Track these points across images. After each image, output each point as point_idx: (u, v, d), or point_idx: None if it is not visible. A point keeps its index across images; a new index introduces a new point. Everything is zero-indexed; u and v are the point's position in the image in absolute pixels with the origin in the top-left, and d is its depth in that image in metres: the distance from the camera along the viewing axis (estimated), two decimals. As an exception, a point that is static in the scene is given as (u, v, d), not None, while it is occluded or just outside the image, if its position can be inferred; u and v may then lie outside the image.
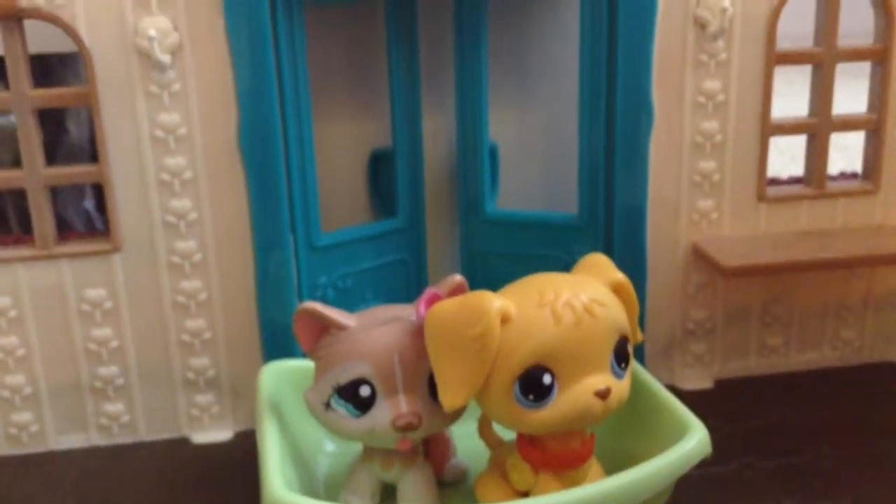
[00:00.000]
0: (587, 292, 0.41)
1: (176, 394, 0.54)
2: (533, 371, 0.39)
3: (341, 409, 0.42)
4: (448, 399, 0.40)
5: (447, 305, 0.41)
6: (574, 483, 0.42)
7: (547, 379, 0.40)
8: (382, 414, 0.42)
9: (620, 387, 0.41)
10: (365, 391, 0.42)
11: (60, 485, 0.50)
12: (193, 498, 0.48)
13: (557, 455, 0.42)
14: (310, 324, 0.43)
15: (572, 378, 0.40)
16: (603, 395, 0.40)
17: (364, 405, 0.42)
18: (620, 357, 0.41)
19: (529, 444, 0.43)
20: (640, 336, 0.44)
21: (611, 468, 0.42)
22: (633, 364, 0.44)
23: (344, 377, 0.42)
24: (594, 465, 0.44)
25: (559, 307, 0.40)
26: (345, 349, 0.42)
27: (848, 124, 0.58)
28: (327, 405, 0.42)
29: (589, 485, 0.40)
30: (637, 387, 0.46)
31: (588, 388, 0.40)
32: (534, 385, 0.40)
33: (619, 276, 0.43)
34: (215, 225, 0.51)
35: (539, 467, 0.42)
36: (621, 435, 0.47)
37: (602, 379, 0.40)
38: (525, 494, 0.43)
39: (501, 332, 0.39)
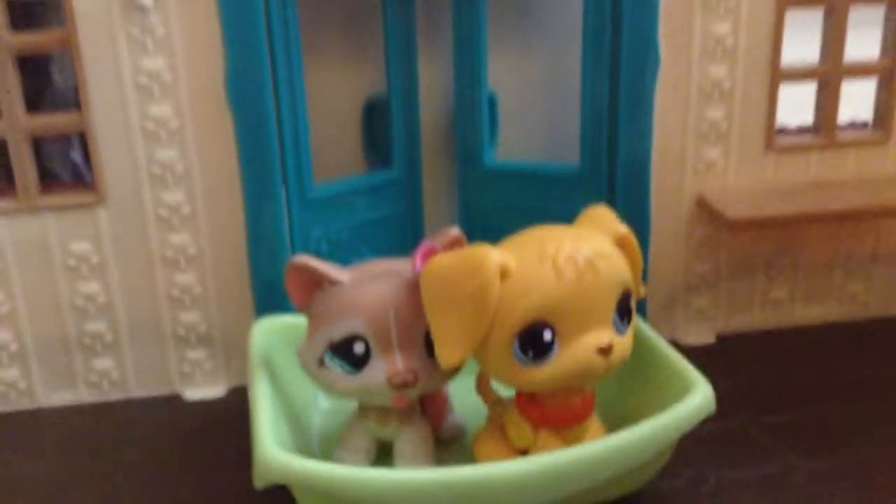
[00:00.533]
0: (590, 246, 0.39)
1: (167, 350, 0.53)
2: (533, 327, 0.38)
3: (335, 366, 0.41)
4: (445, 356, 0.38)
5: (444, 259, 0.39)
6: (574, 441, 0.41)
7: (547, 335, 0.38)
8: (377, 371, 0.40)
9: (623, 343, 0.40)
10: (359, 348, 0.40)
11: (49, 442, 0.49)
12: (186, 455, 0.48)
13: (557, 413, 0.41)
14: (302, 278, 0.41)
15: (573, 334, 0.39)
16: (605, 351, 0.39)
17: (358, 362, 0.40)
18: (623, 312, 0.40)
19: (529, 401, 0.41)
20: (643, 291, 0.43)
21: (612, 426, 0.41)
22: (636, 320, 0.43)
23: (337, 334, 0.40)
24: (594, 423, 0.43)
25: (561, 261, 0.38)
26: (338, 305, 0.41)
27: (860, 70, 0.56)
28: (321, 362, 0.41)
29: (590, 442, 0.39)
30: (639, 343, 0.44)
31: (590, 344, 0.39)
32: (534, 342, 0.38)
33: (623, 228, 0.41)
34: (203, 176, 0.50)
35: (538, 425, 0.41)
36: (623, 392, 0.46)
37: (604, 335, 0.39)
38: (524, 452, 0.42)
39: (501, 287, 0.38)
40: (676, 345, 0.56)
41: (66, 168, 0.71)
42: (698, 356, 0.44)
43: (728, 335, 0.59)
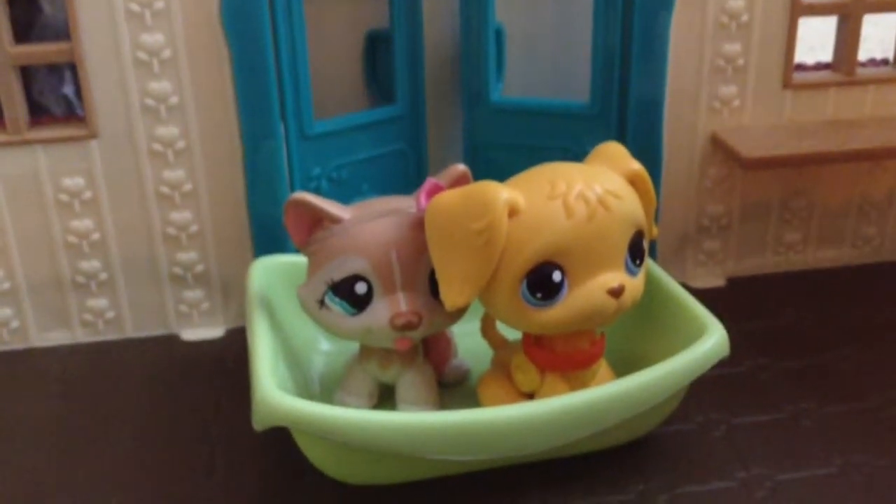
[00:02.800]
0: (601, 183, 0.37)
1: (163, 289, 0.51)
2: (542, 268, 0.37)
3: (336, 306, 0.39)
4: (450, 297, 0.37)
5: (450, 196, 0.37)
6: (582, 385, 0.40)
7: (557, 276, 0.37)
8: (380, 312, 0.39)
9: (634, 284, 0.39)
10: (361, 288, 0.39)
11: (44, 382, 0.48)
12: (184, 396, 0.47)
13: (565, 356, 0.40)
14: (301, 216, 0.40)
15: (584, 275, 0.37)
16: (616, 293, 0.38)
17: (360, 303, 0.39)
18: (635, 253, 0.39)
19: (536, 344, 0.40)
20: (655, 231, 0.42)
21: (622, 371, 0.40)
22: (648, 261, 0.41)
23: (338, 273, 0.39)
24: (603, 368, 0.42)
25: (571, 199, 0.36)
26: (339, 243, 0.39)
27: (884, 5, 0.54)
28: (321, 303, 0.40)
29: (599, 386, 0.38)
30: (651, 285, 0.43)
31: (600, 285, 0.37)
32: (542, 282, 0.37)
33: (636, 165, 0.40)
34: (198, 110, 0.48)
35: (545, 368, 0.40)
36: (634, 336, 0.45)
37: (615, 276, 0.38)
38: (530, 396, 0.41)
39: (509, 225, 0.36)
40: (686, 287, 0.54)
41: (58, 102, 0.69)
42: (708, 299, 0.43)
43: (738, 278, 0.57)
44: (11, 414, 0.46)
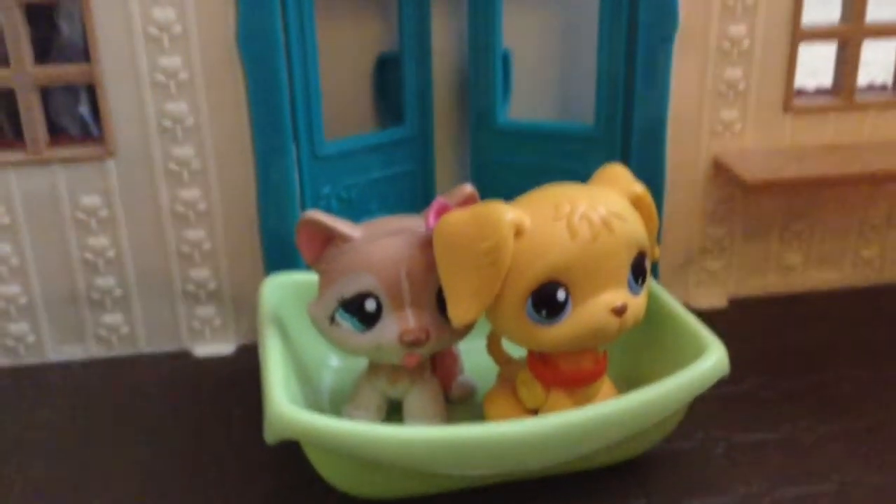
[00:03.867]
0: (605, 205, 0.38)
1: (176, 306, 0.52)
2: (547, 286, 0.38)
3: (346, 323, 0.40)
4: (457, 314, 0.38)
5: (458, 216, 0.38)
6: (586, 401, 0.41)
7: (561, 295, 0.38)
8: (389, 328, 0.40)
9: (637, 304, 0.40)
10: (371, 305, 0.40)
11: (58, 396, 0.49)
12: (195, 412, 0.48)
13: (569, 373, 0.41)
14: (313, 234, 0.41)
15: (587, 294, 0.38)
16: (619, 311, 0.39)
17: (370, 319, 0.40)
18: (638, 273, 0.40)
19: (540, 361, 0.41)
20: (657, 252, 0.43)
21: (624, 388, 0.41)
22: (650, 281, 0.42)
23: (349, 290, 0.40)
24: (606, 384, 0.43)
25: (575, 220, 0.38)
26: (350, 261, 0.40)
27: (882, 31, 0.55)
28: (332, 319, 0.41)
29: (602, 403, 0.39)
30: (653, 304, 0.44)
31: (603, 304, 0.38)
32: (547, 301, 0.38)
33: (639, 188, 0.41)
34: (214, 131, 0.49)
35: (550, 385, 0.41)
36: (636, 354, 0.45)
37: (618, 295, 0.39)
38: (534, 412, 0.42)
39: (514, 245, 0.37)
40: (688, 307, 0.55)
41: (74, 122, 0.70)
42: (710, 319, 0.44)
43: (740, 299, 0.58)
44: (26, 427, 0.47)
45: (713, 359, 0.40)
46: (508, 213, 0.37)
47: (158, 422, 0.47)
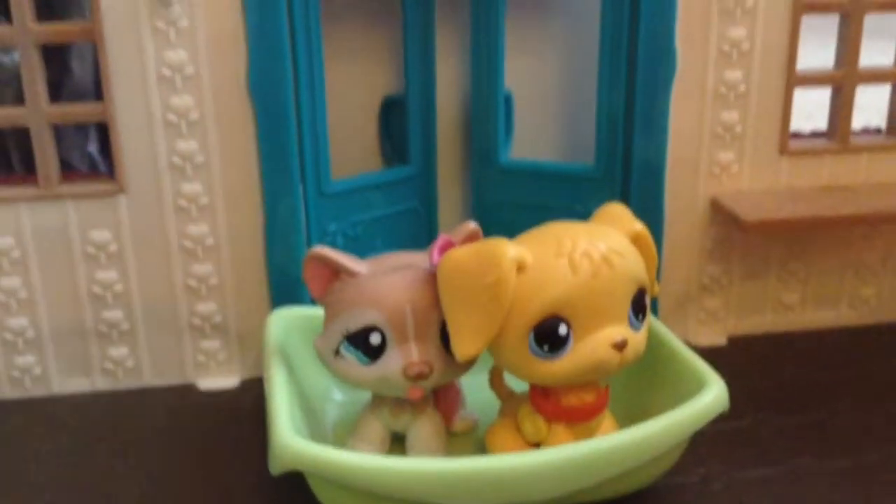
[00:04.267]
0: (605, 242, 0.39)
1: (182, 339, 0.53)
2: (548, 321, 0.38)
3: (351, 356, 0.41)
4: (461, 348, 0.39)
5: (461, 253, 0.39)
6: (587, 435, 0.41)
7: (563, 330, 0.39)
8: (393, 362, 0.41)
9: (637, 339, 0.40)
10: (375, 339, 0.41)
11: (63, 429, 0.50)
12: (199, 444, 0.48)
13: (571, 407, 0.41)
14: (320, 269, 0.42)
15: (588, 329, 0.39)
16: (620, 346, 0.39)
17: (374, 353, 0.41)
18: (638, 309, 0.40)
19: (542, 395, 0.42)
20: (657, 288, 0.43)
21: (625, 422, 0.42)
22: (650, 317, 0.43)
23: (354, 324, 0.41)
24: (607, 419, 0.43)
25: (577, 257, 0.38)
26: (355, 295, 0.41)
27: (875, 76, 0.56)
28: (337, 352, 0.41)
29: (604, 437, 0.39)
30: (653, 340, 0.45)
31: (604, 339, 0.39)
32: (549, 336, 0.39)
33: (638, 226, 0.42)
34: (223, 168, 0.50)
35: (552, 419, 0.42)
36: (637, 388, 0.46)
37: (619, 330, 0.39)
38: (536, 446, 0.42)
39: (517, 281, 0.38)
40: (688, 345, 0.55)
41: (84, 160, 0.71)
42: (709, 357, 0.44)
43: (739, 337, 0.59)
44: (31, 459, 0.47)
45: (712, 394, 0.40)
46: (511, 249, 0.38)
47: (163, 455, 0.47)
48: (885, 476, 0.45)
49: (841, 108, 0.56)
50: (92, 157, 0.72)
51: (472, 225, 0.43)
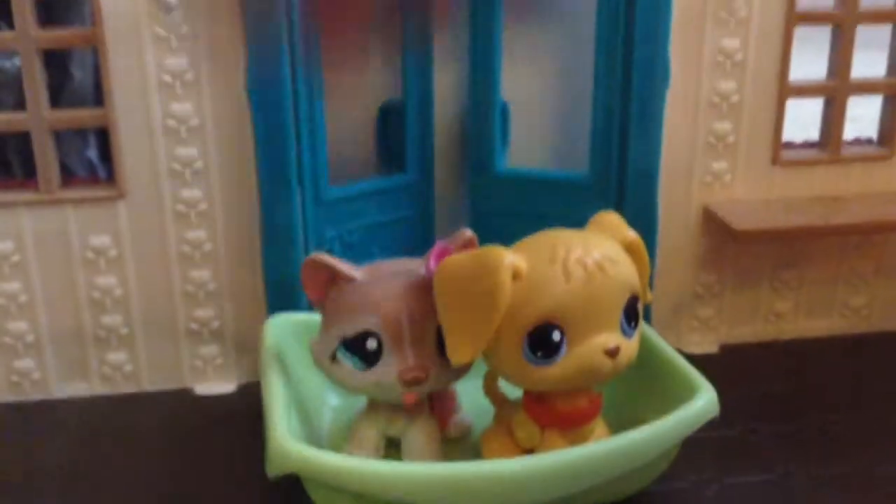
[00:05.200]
0: (599, 249, 0.40)
1: (179, 344, 0.53)
2: (542, 328, 0.39)
3: (347, 361, 0.42)
4: (456, 353, 0.39)
5: (458, 259, 0.40)
6: (580, 441, 0.42)
7: (556, 336, 0.39)
8: (389, 367, 0.41)
9: (629, 346, 0.41)
10: (372, 344, 0.41)
11: (61, 433, 0.50)
12: (196, 449, 0.48)
13: (564, 413, 0.42)
14: (317, 275, 0.42)
15: (582, 336, 0.40)
16: (612, 353, 0.40)
17: (371, 358, 0.41)
18: (630, 316, 0.41)
19: (536, 401, 0.42)
20: (650, 296, 0.44)
21: (617, 428, 0.42)
22: (642, 324, 0.44)
23: (351, 329, 0.41)
24: (600, 425, 0.44)
25: (570, 264, 0.39)
26: (353, 301, 0.41)
27: (866, 87, 0.57)
28: (333, 357, 0.42)
29: (596, 443, 0.40)
30: (646, 347, 0.45)
31: (597, 346, 0.40)
32: (543, 342, 0.39)
33: (632, 234, 0.42)
34: (221, 174, 0.51)
35: (545, 425, 0.42)
36: (629, 395, 0.47)
37: (611, 337, 0.40)
38: (530, 452, 0.43)
39: (512, 287, 0.39)
40: (680, 353, 0.56)
41: (83, 165, 0.72)
42: (701, 365, 0.45)
43: (731, 345, 0.59)
44: (29, 463, 0.47)
45: (702, 401, 0.41)
46: (507, 256, 0.39)
47: (159, 459, 0.47)
48: (875, 484, 0.45)
49: (833, 118, 0.57)
50: (91, 161, 0.73)
51: (469, 232, 0.44)
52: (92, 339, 0.52)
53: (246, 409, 0.52)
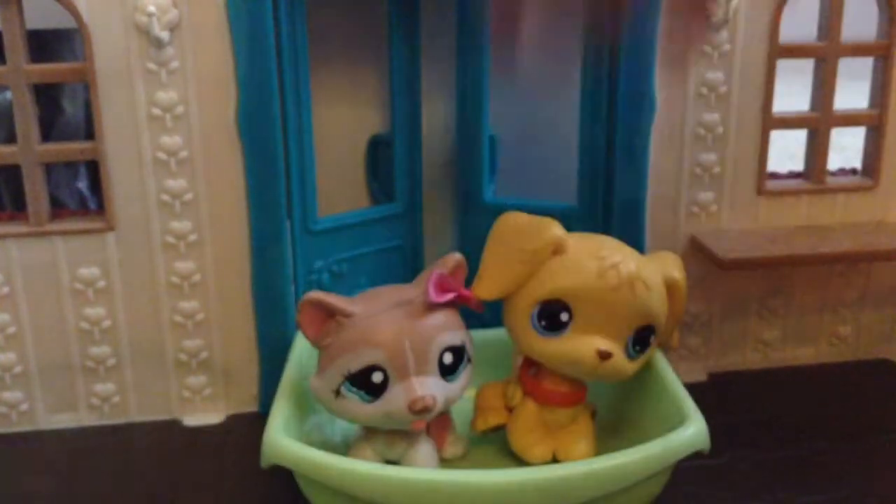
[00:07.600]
0: (639, 270, 0.43)
1: (168, 375, 0.53)
2: (555, 303, 0.43)
3: (353, 395, 0.42)
4: (479, 286, 0.45)
5: (520, 217, 0.45)
6: (553, 422, 0.46)
7: (564, 317, 0.44)
8: (397, 398, 0.42)
9: (624, 364, 0.44)
10: (377, 377, 0.42)
11: (49, 464, 0.50)
12: (184, 480, 0.48)
13: (546, 390, 0.46)
14: (315, 313, 0.43)
15: (585, 329, 0.43)
16: (602, 355, 0.43)
17: (377, 390, 0.42)
18: (638, 341, 0.44)
19: (528, 370, 0.47)
20: (675, 342, 0.47)
21: (605, 437, 0.45)
22: (654, 352, 0.47)
23: (355, 365, 0.42)
24: (583, 422, 0.46)
25: (606, 266, 0.43)
26: (354, 336, 0.42)
27: (849, 119, 0.58)
28: (337, 392, 0.42)
29: (578, 462, 0.41)
30: (649, 368, 0.47)
31: (592, 343, 0.43)
32: (550, 316, 0.43)
33: (676, 275, 0.46)
34: (211, 206, 0.51)
35: (527, 392, 0.47)
36: (626, 416, 0.48)
37: (610, 345, 0.43)
38: (509, 410, 0.47)
39: (550, 258, 0.43)
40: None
41: (73, 196, 0.72)
42: (690, 394, 0.45)
43: (719, 373, 0.59)
44: (16, 495, 0.47)
45: (690, 430, 0.41)
46: (558, 230, 0.44)
47: (148, 490, 0.47)
48: (863, 511, 0.45)
49: (817, 149, 0.58)
50: (82, 193, 0.73)
51: (458, 256, 0.46)
52: (80, 369, 0.52)
53: (234, 441, 0.51)
